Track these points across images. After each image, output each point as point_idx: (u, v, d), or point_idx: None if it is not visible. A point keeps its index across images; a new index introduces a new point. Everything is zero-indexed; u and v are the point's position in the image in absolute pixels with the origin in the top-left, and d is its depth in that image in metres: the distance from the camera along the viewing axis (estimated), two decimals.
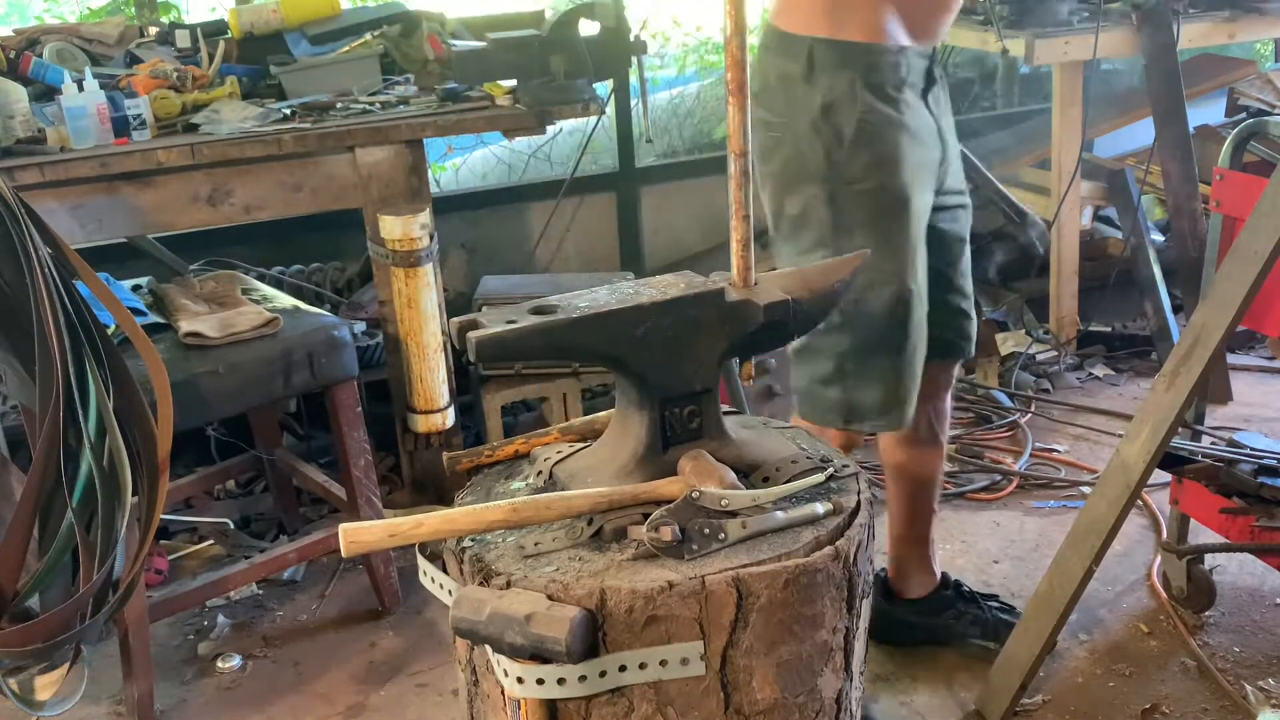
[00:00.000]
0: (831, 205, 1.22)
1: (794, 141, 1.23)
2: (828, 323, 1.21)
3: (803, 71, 1.19)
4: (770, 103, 1.23)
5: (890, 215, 1.22)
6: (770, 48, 1.25)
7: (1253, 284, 1.29)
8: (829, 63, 1.18)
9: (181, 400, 1.42)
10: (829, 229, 1.22)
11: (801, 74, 1.19)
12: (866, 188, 1.21)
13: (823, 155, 1.20)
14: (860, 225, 1.22)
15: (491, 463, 1.01)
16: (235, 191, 1.81)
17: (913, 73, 1.22)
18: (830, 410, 1.31)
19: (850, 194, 1.21)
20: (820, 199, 1.22)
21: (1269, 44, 3.39)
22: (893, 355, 1.26)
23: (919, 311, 1.27)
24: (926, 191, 1.26)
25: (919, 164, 1.24)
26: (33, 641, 1.22)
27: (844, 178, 1.21)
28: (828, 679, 0.87)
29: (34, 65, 1.93)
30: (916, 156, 1.23)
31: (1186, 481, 1.62)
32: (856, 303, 1.24)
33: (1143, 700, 1.53)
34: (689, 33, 3.72)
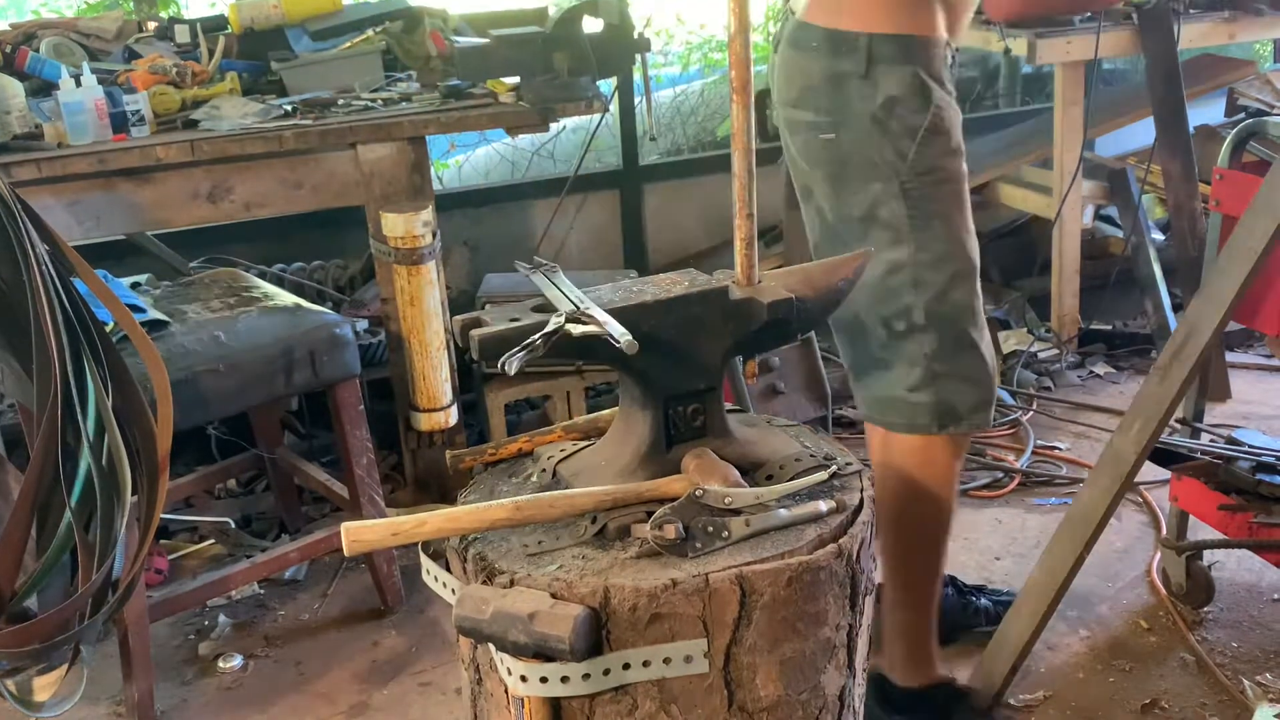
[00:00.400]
0: (906, 200, 1.20)
1: (853, 140, 1.21)
2: (909, 324, 1.21)
3: (860, 68, 1.17)
4: (817, 103, 1.22)
5: (963, 203, 1.22)
6: (813, 47, 1.22)
7: (1245, 279, 1.30)
8: (890, 57, 1.17)
9: (181, 398, 1.42)
10: (906, 224, 1.20)
11: (859, 70, 1.17)
12: (941, 178, 1.20)
13: (891, 150, 1.19)
14: (938, 216, 1.21)
15: (494, 461, 1.01)
16: (236, 188, 1.80)
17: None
18: (924, 416, 1.26)
19: (925, 186, 1.20)
20: (894, 194, 1.20)
21: (1269, 44, 3.39)
22: (975, 346, 1.24)
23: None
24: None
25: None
26: (31, 642, 1.21)
27: (917, 170, 1.19)
28: (831, 676, 0.87)
29: (31, 60, 1.93)
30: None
31: (1185, 478, 1.62)
32: (940, 299, 1.21)
33: (1142, 695, 1.53)
34: (693, 30, 3.72)
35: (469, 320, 0.87)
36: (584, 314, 0.83)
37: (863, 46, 1.18)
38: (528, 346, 0.80)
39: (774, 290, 0.92)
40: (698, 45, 3.73)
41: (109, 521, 1.28)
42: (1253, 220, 1.32)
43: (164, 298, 1.76)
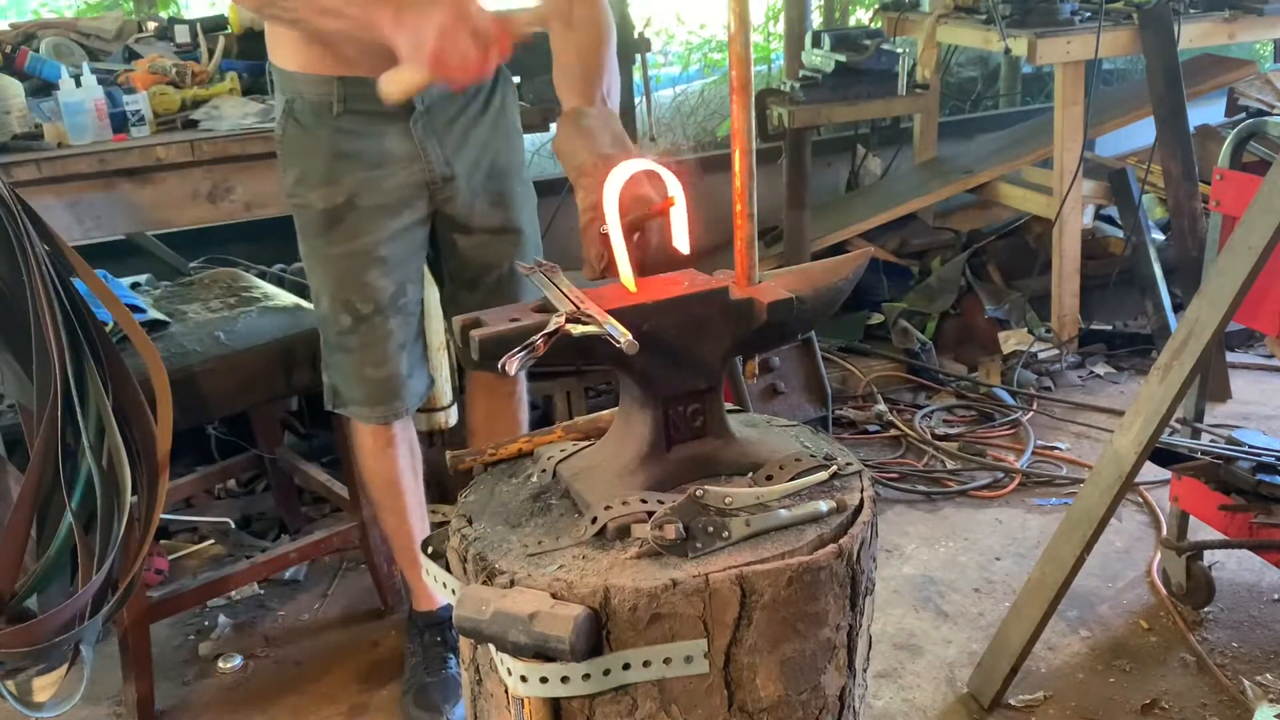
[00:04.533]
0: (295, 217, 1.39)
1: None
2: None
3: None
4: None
5: (312, 231, 1.37)
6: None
7: (1246, 279, 1.30)
8: (278, 87, 1.36)
9: (181, 398, 1.42)
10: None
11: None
12: (295, 204, 1.37)
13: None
14: (300, 236, 1.38)
15: (494, 461, 1.01)
16: (236, 188, 1.80)
17: (364, 100, 1.28)
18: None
19: (291, 205, 1.38)
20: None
21: (1269, 44, 3.39)
22: (341, 354, 1.41)
23: (371, 324, 1.37)
24: (387, 213, 1.35)
25: (361, 184, 1.33)
26: (31, 642, 1.21)
27: (286, 192, 1.39)
28: (831, 676, 0.87)
29: (30, 60, 1.93)
30: (355, 177, 1.33)
31: (1186, 479, 1.62)
32: (316, 306, 1.42)
33: (1142, 695, 1.53)
34: (692, 30, 3.72)
35: (469, 320, 0.87)
36: (584, 314, 0.83)
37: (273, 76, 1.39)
38: (528, 347, 0.80)
39: (774, 290, 0.92)
40: (698, 45, 3.73)
41: (109, 521, 1.27)
42: (1253, 220, 1.32)
43: (164, 298, 1.76)
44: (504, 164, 1.41)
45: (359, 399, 1.42)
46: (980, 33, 2.55)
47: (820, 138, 3.00)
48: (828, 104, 2.57)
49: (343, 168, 1.33)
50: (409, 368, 1.42)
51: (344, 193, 1.33)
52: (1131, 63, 3.45)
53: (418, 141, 1.34)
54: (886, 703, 1.55)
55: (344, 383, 1.43)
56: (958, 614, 1.75)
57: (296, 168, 1.35)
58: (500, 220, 1.42)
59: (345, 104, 1.30)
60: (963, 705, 1.54)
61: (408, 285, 1.39)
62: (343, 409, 1.45)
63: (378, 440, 1.47)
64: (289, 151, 1.36)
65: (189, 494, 2.06)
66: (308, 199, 1.35)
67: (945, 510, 2.07)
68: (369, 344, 1.39)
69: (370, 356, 1.39)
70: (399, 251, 1.37)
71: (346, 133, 1.32)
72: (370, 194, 1.34)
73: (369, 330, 1.38)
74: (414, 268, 1.41)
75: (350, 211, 1.34)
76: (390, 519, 1.55)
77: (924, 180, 2.85)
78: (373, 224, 1.35)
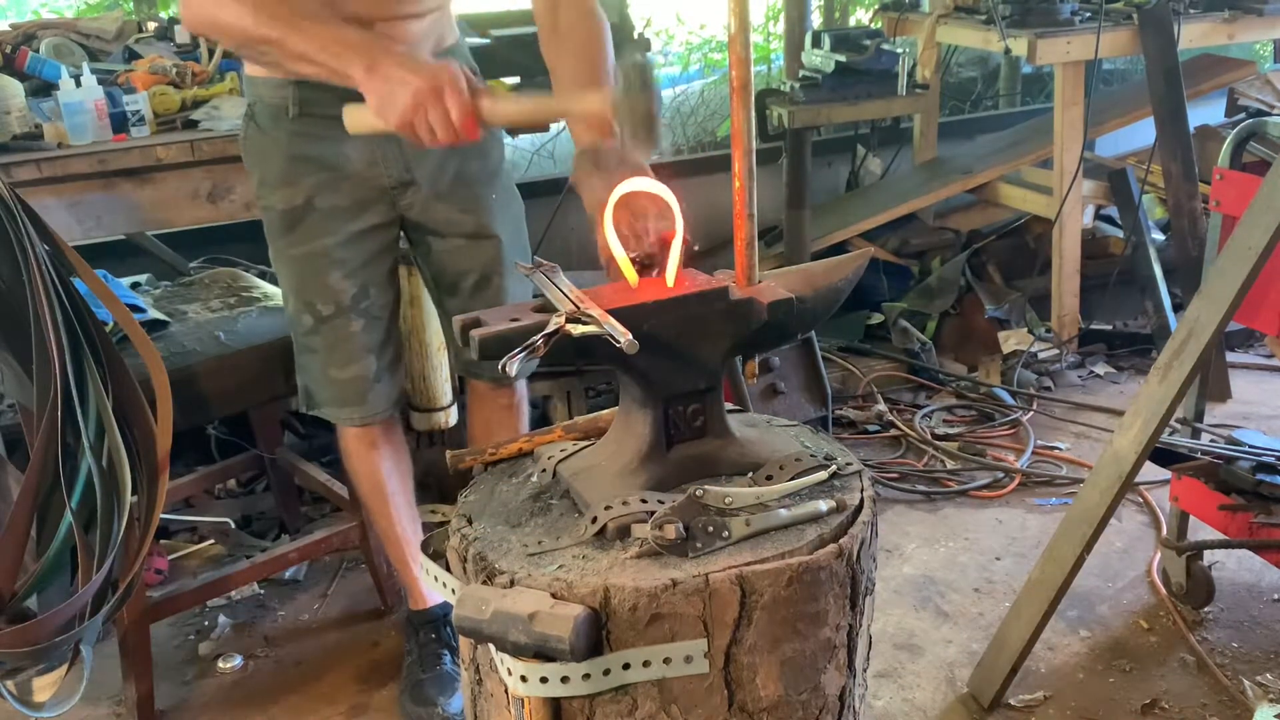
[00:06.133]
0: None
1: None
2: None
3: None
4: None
5: (275, 232, 1.38)
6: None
7: (1246, 279, 1.30)
8: (245, 92, 1.39)
9: (181, 398, 1.42)
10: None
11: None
12: (261, 206, 1.38)
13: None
14: (267, 239, 1.39)
15: (494, 461, 1.01)
16: (236, 188, 1.80)
17: (319, 105, 1.28)
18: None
19: (259, 208, 1.39)
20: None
21: (1269, 45, 3.39)
22: (308, 355, 1.42)
23: (333, 325, 1.38)
24: (345, 215, 1.35)
25: (318, 186, 1.34)
26: (31, 642, 1.21)
27: (254, 196, 1.40)
28: (831, 676, 0.87)
29: (31, 60, 1.92)
30: (312, 180, 1.33)
31: (1186, 479, 1.62)
32: (285, 308, 1.43)
33: (1142, 695, 1.53)
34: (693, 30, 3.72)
35: (469, 320, 0.87)
36: (584, 314, 0.83)
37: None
38: (528, 347, 0.80)
39: (774, 290, 0.92)
40: (698, 45, 3.73)
41: (109, 521, 1.27)
42: (1253, 220, 1.32)
43: (164, 298, 1.76)
44: (473, 171, 1.40)
45: (328, 400, 1.43)
46: (980, 33, 2.55)
47: (820, 138, 3.00)
48: (828, 104, 2.57)
49: (300, 170, 1.33)
50: (377, 372, 1.42)
51: (302, 194, 1.34)
52: (1131, 63, 3.45)
53: (373, 146, 1.33)
54: (886, 703, 1.55)
55: (313, 383, 1.44)
56: (958, 614, 1.75)
57: (258, 170, 1.37)
58: (473, 226, 1.41)
59: (300, 107, 1.30)
60: (963, 705, 1.53)
61: (370, 288, 1.39)
62: (316, 410, 1.46)
63: (361, 442, 1.48)
64: (251, 154, 1.37)
65: (189, 494, 2.06)
66: (269, 200, 1.36)
67: (945, 510, 2.07)
68: (332, 345, 1.39)
69: (335, 358, 1.40)
70: (359, 254, 1.37)
71: (303, 136, 1.32)
72: (327, 196, 1.34)
73: (331, 331, 1.38)
74: (378, 271, 1.40)
75: (309, 213, 1.34)
76: (380, 520, 1.56)
77: (924, 180, 2.85)
78: (331, 225, 1.35)
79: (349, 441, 1.50)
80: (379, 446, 1.49)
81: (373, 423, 1.45)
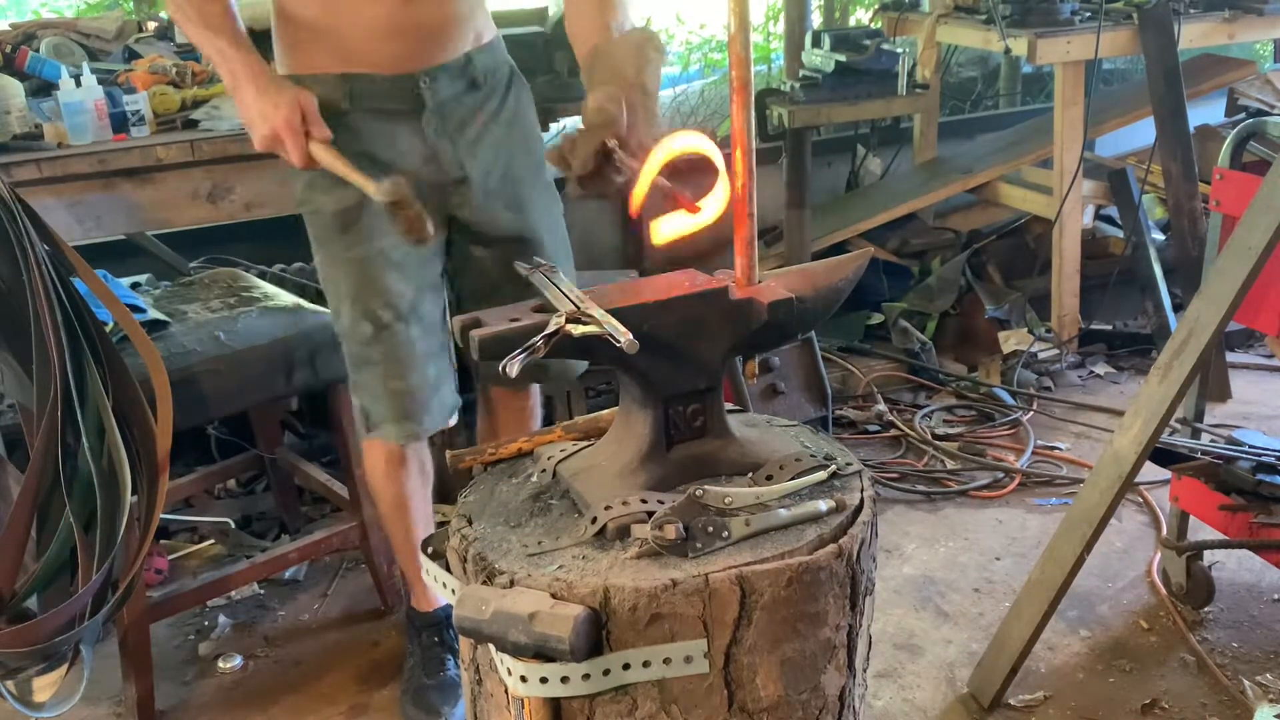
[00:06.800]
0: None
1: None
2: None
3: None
4: None
5: (327, 236, 1.34)
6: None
7: (1246, 279, 1.30)
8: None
9: (181, 398, 1.42)
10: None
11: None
12: (308, 211, 1.35)
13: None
14: (315, 246, 1.37)
15: (494, 461, 1.01)
16: (236, 188, 1.80)
17: (373, 98, 1.29)
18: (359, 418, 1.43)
19: (304, 214, 1.37)
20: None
21: (1269, 44, 3.39)
22: (367, 369, 1.37)
23: (393, 332, 1.34)
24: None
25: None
26: (31, 642, 1.21)
27: (298, 200, 1.36)
28: (831, 676, 0.87)
29: (31, 60, 1.92)
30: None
31: (1186, 479, 1.62)
32: (336, 322, 1.38)
33: (1142, 695, 1.53)
34: (693, 30, 3.72)
35: (469, 320, 0.87)
36: (584, 314, 0.83)
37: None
38: (529, 347, 0.80)
39: (774, 290, 0.92)
40: (698, 45, 3.73)
41: (109, 521, 1.27)
42: (1253, 220, 1.32)
43: (164, 298, 1.76)
44: (519, 169, 1.38)
45: (386, 415, 1.36)
46: (980, 33, 2.55)
47: (820, 138, 3.00)
48: (828, 104, 2.57)
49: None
50: (436, 380, 1.37)
51: (356, 193, 1.29)
52: (1131, 63, 3.45)
53: (430, 141, 1.31)
54: (886, 703, 1.55)
55: (372, 401, 1.37)
56: (958, 614, 1.75)
57: (306, 172, 1.30)
58: (518, 228, 1.38)
59: (353, 102, 1.28)
60: (963, 705, 1.53)
61: (426, 292, 1.36)
62: (374, 432, 1.39)
63: (391, 461, 1.42)
64: None
65: (189, 494, 2.06)
66: (319, 203, 1.32)
67: (945, 510, 2.07)
68: (391, 353, 1.34)
69: (394, 368, 1.34)
70: (416, 255, 1.33)
71: (356, 131, 1.29)
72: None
73: (390, 338, 1.33)
74: (430, 275, 1.37)
75: (364, 212, 1.30)
76: (395, 529, 1.52)
77: (924, 180, 2.85)
78: (387, 225, 1.29)
79: (376, 459, 1.43)
80: (408, 463, 1.43)
81: (419, 439, 1.39)
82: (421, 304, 1.35)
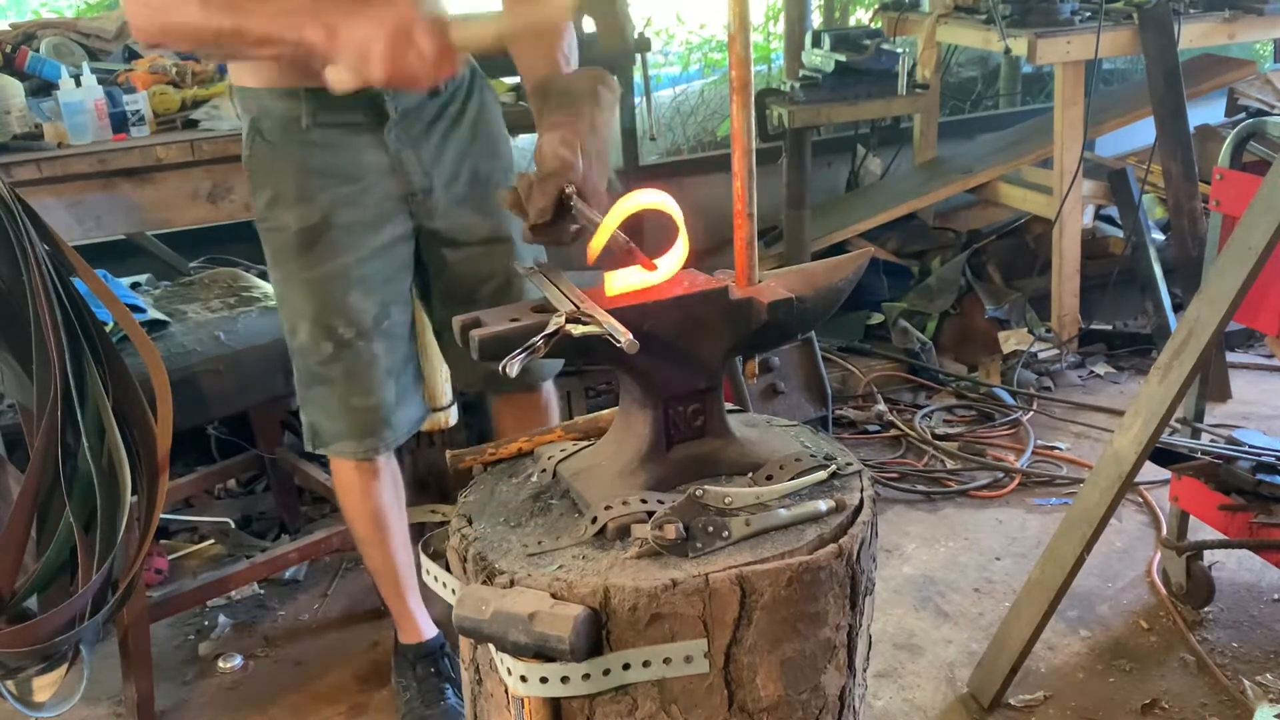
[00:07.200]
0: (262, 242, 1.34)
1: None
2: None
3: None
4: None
5: (287, 255, 1.30)
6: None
7: (1246, 279, 1.30)
8: (242, 108, 1.30)
9: (181, 398, 1.42)
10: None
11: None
12: (266, 228, 1.31)
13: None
14: (271, 264, 1.33)
15: (494, 461, 1.01)
16: (236, 188, 1.80)
17: (334, 112, 1.24)
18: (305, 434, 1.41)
19: (262, 230, 1.31)
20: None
21: (1269, 44, 3.39)
22: (321, 387, 1.34)
23: (354, 350, 1.30)
24: (366, 229, 1.29)
25: (337, 200, 1.27)
26: (31, 642, 1.21)
27: (257, 217, 1.32)
28: (831, 676, 0.87)
29: (31, 60, 1.93)
30: (330, 194, 1.27)
31: (1186, 479, 1.62)
32: (291, 338, 1.34)
33: (1142, 695, 1.53)
34: (693, 30, 3.73)
35: (469, 320, 0.87)
36: (584, 314, 0.83)
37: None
38: (529, 348, 0.80)
39: (774, 290, 0.92)
40: (698, 45, 3.73)
41: (109, 521, 1.27)
42: (1253, 220, 1.32)
43: (164, 298, 1.76)
44: (486, 171, 1.35)
45: (342, 433, 1.34)
46: (980, 33, 2.55)
47: (820, 138, 3.00)
48: (828, 104, 2.57)
49: (316, 184, 1.26)
50: (398, 395, 1.34)
51: (319, 211, 1.26)
52: (1131, 63, 3.45)
53: (393, 152, 1.28)
54: (886, 703, 1.55)
55: (326, 417, 1.34)
56: (958, 614, 1.75)
57: (268, 189, 1.28)
58: (488, 230, 1.35)
59: (315, 117, 1.24)
60: (963, 705, 1.54)
61: (391, 307, 1.32)
62: (324, 448, 1.36)
63: (362, 476, 1.39)
64: (259, 172, 1.28)
65: (189, 494, 2.06)
66: (282, 220, 1.28)
67: (945, 510, 2.07)
68: (353, 372, 1.31)
69: (355, 386, 1.31)
70: (380, 270, 1.30)
71: (318, 146, 1.25)
72: (347, 210, 1.27)
73: (352, 357, 1.30)
74: (397, 288, 1.34)
75: (327, 230, 1.27)
76: (375, 553, 1.47)
77: (924, 180, 2.85)
78: (351, 242, 1.27)
79: (347, 476, 1.40)
80: (379, 477, 1.40)
81: (379, 454, 1.36)
82: (385, 319, 1.32)
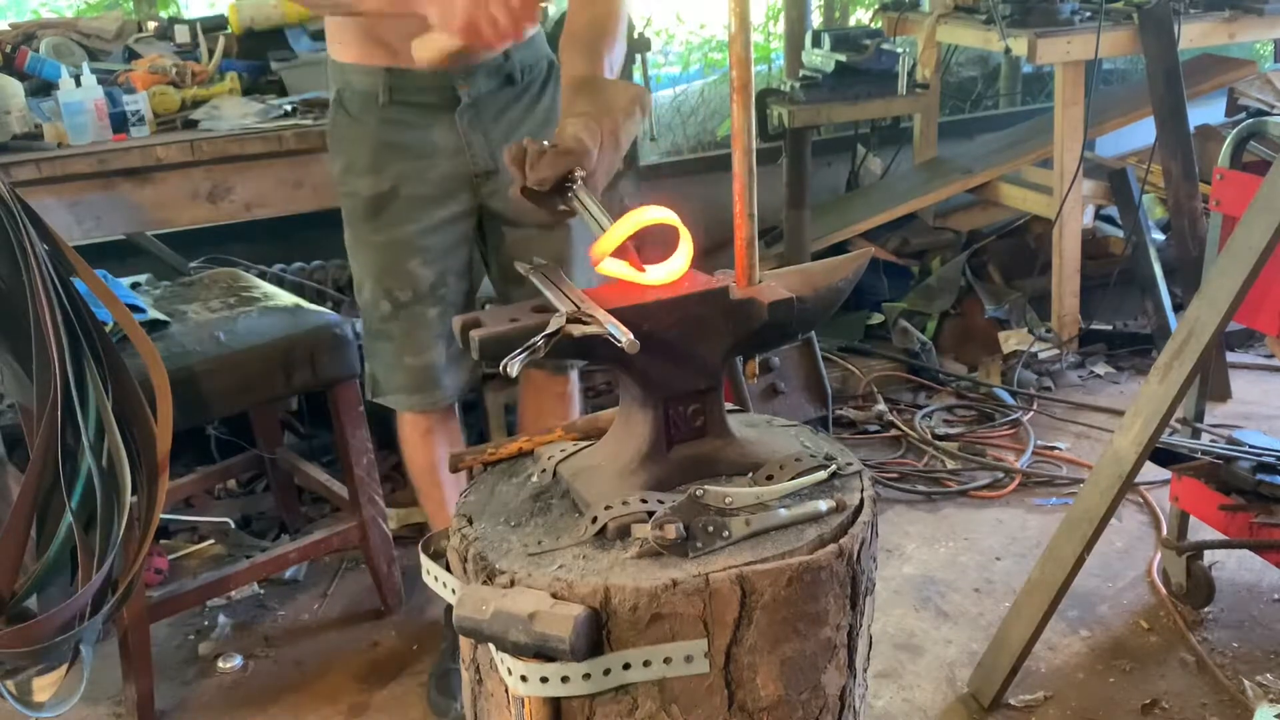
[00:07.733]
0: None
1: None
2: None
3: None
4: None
5: (357, 218, 1.40)
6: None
7: (1246, 279, 1.30)
8: (331, 79, 1.40)
9: (181, 398, 1.42)
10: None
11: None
12: (343, 192, 1.41)
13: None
14: (346, 224, 1.43)
15: (494, 461, 1.01)
16: (235, 188, 1.80)
17: (410, 92, 1.33)
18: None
19: (339, 194, 1.42)
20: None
21: (1269, 44, 3.40)
22: (382, 341, 1.44)
23: (411, 311, 1.40)
24: (430, 203, 1.38)
25: (405, 174, 1.36)
26: (31, 642, 1.21)
27: (335, 180, 1.42)
28: (831, 676, 0.87)
29: (30, 60, 1.93)
30: (399, 167, 1.36)
31: (1186, 479, 1.62)
32: (359, 294, 1.44)
33: (1143, 695, 1.53)
34: (693, 30, 3.73)
35: (468, 320, 0.87)
36: (584, 314, 0.84)
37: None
38: (529, 348, 0.80)
39: (774, 290, 0.92)
40: (698, 45, 3.73)
41: (109, 521, 1.27)
42: (1253, 220, 1.32)
43: (164, 298, 1.76)
44: None
45: (398, 387, 1.45)
46: (980, 33, 2.55)
47: (820, 138, 3.00)
48: (828, 104, 2.57)
49: (388, 157, 1.36)
50: (449, 359, 1.44)
51: (388, 181, 1.36)
52: (1131, 63, 3.45)
53: (462, 134, 1.36)
54: (886, 703, 1.55)
55: (384, 370, 1.45)
56: (958, 614, 1.75)
57: (344, 156, 1.38)
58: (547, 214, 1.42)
59: (391, 94, 1.33)
60: (963, 705, 1.54)
61: (449, 276, 1.42)
62: (382, 398, 1.47)
63: (416, 428, 1.50)
64: (337, 140, 1.39)
65: (189, 494, 2.06)
66: (354, 186, 1.38)
67: (945, 510, 2.07)
68: (408, 331, 1.41)
69: (410, 344, 1.42)
70: (441, 242, 1.40)
71: (393, 123, 1.35)
72: (414, 184, 1.37)
73: (408, 317, 1.40)
74: (457, 259, 1.43)
75: (394, 200, 1.37)
76: (429, 505, 1.59)
77: (924, 180, 2.85)
78: (415, 213, 1.37)
79: (407, 428, 1.52)
80: (435, 433, 1.50)
81: (436, 409, 1.47)
82: (442, 286, 1.41)
